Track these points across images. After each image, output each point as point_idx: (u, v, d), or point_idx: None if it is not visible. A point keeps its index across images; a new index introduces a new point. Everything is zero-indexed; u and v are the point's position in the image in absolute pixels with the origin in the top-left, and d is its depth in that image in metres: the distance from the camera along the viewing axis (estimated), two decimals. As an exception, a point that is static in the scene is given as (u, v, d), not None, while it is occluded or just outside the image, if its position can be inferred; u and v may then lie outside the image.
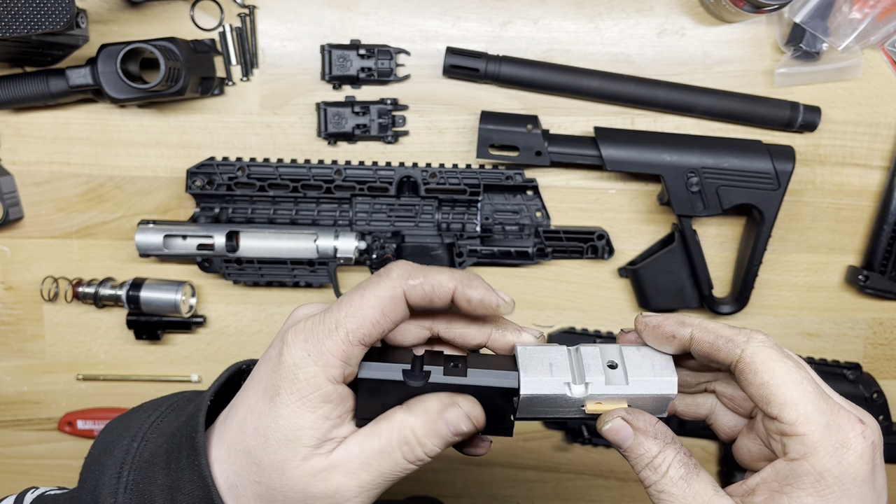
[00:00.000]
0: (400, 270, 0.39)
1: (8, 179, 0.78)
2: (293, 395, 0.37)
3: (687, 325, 0.39)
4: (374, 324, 0.38)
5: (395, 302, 0.38)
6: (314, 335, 0.37)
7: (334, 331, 0.37)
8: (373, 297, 0.38)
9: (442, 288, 0.39)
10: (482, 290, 0.39)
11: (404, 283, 0.38)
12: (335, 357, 0.37)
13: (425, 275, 0.39)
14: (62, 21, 0.62)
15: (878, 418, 0.80)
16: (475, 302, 0.39)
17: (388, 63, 0.75)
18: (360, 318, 0.37)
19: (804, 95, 0.76)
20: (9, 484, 0.86)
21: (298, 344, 0.37)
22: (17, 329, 0.82)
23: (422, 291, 0.38)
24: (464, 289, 0.39)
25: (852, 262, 0.81)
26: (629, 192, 0.79)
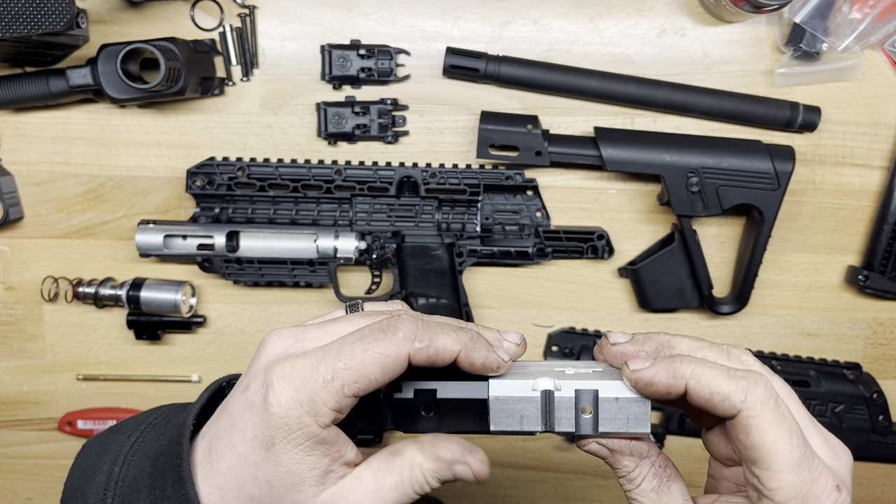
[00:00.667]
0: (406, 332, 0.37)
1: (8, 179, 0.78)
2: (289, 444, 0.37)
3: (679, 377, 0.37)
4: (372, 381, 0.37)
5: (399, 363, 0.37)
6: (305, 384, 0.36)
7: (329, 382, 0.36)
8: (376, 355, 0.37)
9: (446, 352, 0.38)
10: (485, 354, 0.39)
11: (410, 345, 0.37)
12: (328, 408, 0.36)
13: (431, 338, 0.38)
14: (62, 21, 0.62)
15: (877, 418, 0.80)
16: (477, 366, 0.39)
17: (388, 63, 0.75)
18: (359, 375, 0.36)
19: (804, 95, 0.76)
20: (9, 484, 0.86)
21: (287, 393, 0.36)
22: (18, 329, 0.82)
23: (426, 354, 0.38)
24: (468, 353, 0.38)
25: (852, 262, 0.81)
26: (629, 192, 0.79)
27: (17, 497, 0.86)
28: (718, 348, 0.39)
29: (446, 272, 0.77)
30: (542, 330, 0.82)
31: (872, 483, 0.85)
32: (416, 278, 0.76)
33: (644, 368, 0.37)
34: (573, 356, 0.79)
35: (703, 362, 0.37)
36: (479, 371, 0.39)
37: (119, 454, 0.42)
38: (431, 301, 0.77)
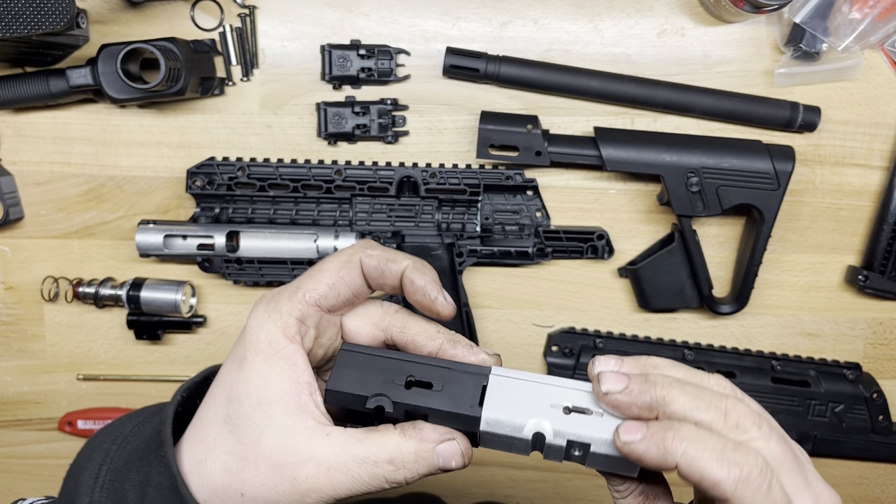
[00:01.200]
0: (362, 242, 0.42)
1: (8, 179, 0.78)
2: (258, 356, 0.39)
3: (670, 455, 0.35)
4: (330, 285, 0.40)
5: (351, 267, 0.40)
6: (274, 298, 0.40)
7: (293, 292, 0.40)
8: (331, 261, 0.40)
9: (395, 263, 0.40)
10: (428, 280, 0.40)
11: (362, 251, 0.41)
12: (291, 315, 0.39)
13: (383, 249, 0.41)
14: (62, 21, 0.62)
15: (877, 418, 0.80)
16: (417, 286, 0.40)
17: (388, 63, 0.75)
18: (316, 280, 0.40)
19: (804, 95, 0.76)
20: (9, 483, 0.86)
21: (260, 307, 0.40)
22: (18, 329, 0.82)
23: (376, 262, 0.40)
24: (413, 271, 0.40)
25: (852, 262, 0.81)
26: (629, 192, 0.79)
27: (18, 497, 0.86)
28: (716, 409, 0.36)
29: (446, 272, 0.77)
30: (542, 330, 0.82)
31: (872, 483, 0.85)
32: (416, 278, 0.76)
33: (635, 442, 0.36)
34: (573, 356, 0.79)
35: (697, 438, 0.35)
36: (417, 295, 0.41)
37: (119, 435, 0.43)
38: (431, 301, 0.77)
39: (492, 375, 0.40)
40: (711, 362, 0.80)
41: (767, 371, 0.80)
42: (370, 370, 0.40)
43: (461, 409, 0.39)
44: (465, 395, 0.40)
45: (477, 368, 0.40)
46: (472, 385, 0.40)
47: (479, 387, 0.40)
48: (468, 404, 0.39)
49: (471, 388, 0.40)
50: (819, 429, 0.80)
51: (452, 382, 0.40)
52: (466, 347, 0.42)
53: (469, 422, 0.39)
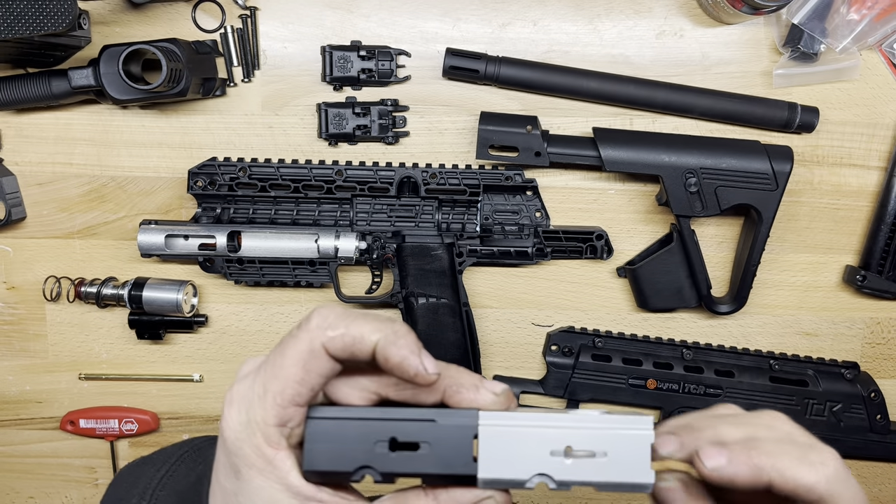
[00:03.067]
0: (318, 320, 0.35)
1: (11, 180, 0.78)
2: (251, 469, 0.36)
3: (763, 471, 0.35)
4: (300, 381, 0.35)
5: (316, 356, 0.35)
6: (246, 404, 0.35)
7: (263, 396, 0.35)
8: (292, 353, 0.35)
9: (363, 341, 0.35)
10: (405, 352, 0.35)
11: (322, 334, 0.35)
12: (268, 425, 0.35)
13: (347, 325, 0.35)
14: (64, 22, 0.63)
15: (875, 417, 0.80)
16: (392, 363, 0.35)
17: (389, 64, 0.76)
18: (282, 379, 0.35)
19: (802, 96, 0.77)
20: (11, 483, 0.86)
21: (233, 416, 0.36)
22: (20, 328, 0.83)
23: (342, 343, 0.35)
24: (385, 345, 0.35)
25: (850, 261, 0.81)
26: (628, 192, 0.79)
27: (20, 496, 0.87)
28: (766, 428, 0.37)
29: (446, 272, 0.77)
30: (542, 329, 0.82)
31: (870, 482, 0.85)
32: (417, 278, 0.77)
33: (723, 467, 0.35)
34: (572, 355, 0.80)
35: (780, 449, 0.35)
36: (395, 372, 0.35)
37: (147, 488, 0.42)
38: (431, 301, 0.77)
39: (481, 425, 0.36)
40: (710, 362, 0.80)
41: (766, 370, 0.80)
42: (347, 438, 0.36)
43: (455, 470, 0.36)
44: (457, 451, 0.36)
45: (464, 417, 0.36)
46: (461, 438, 0.36)
47: (470, 439, 0.36)
48: (462, 462, 0.36)
49: (461, 443, 0.36)
50: (817, 428, 0.80)
51: (440, 438, 0.36)
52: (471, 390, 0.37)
53: (466, 480, 0.36)
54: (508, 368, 0.83)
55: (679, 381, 0.79)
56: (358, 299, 0.79)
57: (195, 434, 0.85)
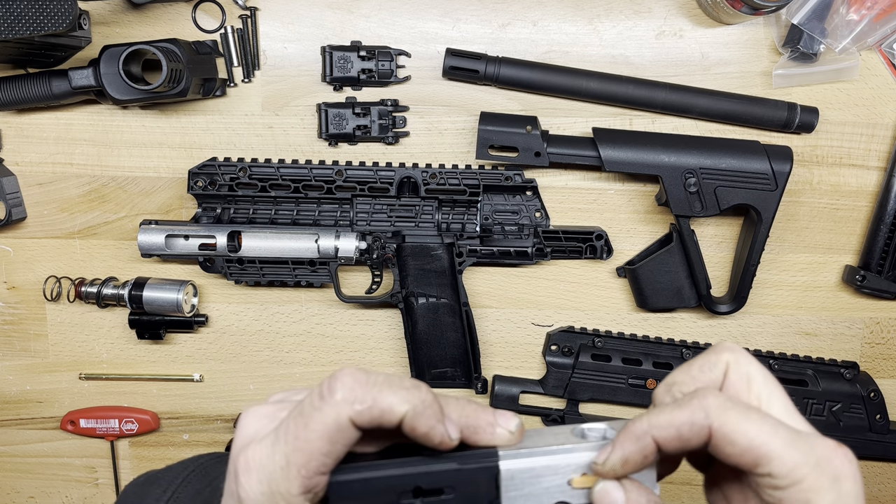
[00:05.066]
0: (345, 392, 0.34)
1: (11, 180, 0.78)
2: None
3: (641, 436, 0.35)
4: (325, 454, 0.34)
5: (343, 430, 0.34)
6: (266, 474, 0.34)
7: (285, 468, 0.34)
8: (318, 426, 0.34)
9: (392, 413, 0.34)
10: (431, 422, 0.35)
11: (350, 408, 0.34)
12: (293, 495, 0.34)
13: (374, 397, 0.34)
14: (65, 23, 0.63)
15: (875, 417, 0.80)
16: (418, 433, 0.35)
17: (389, 65, 0.76)
18: (307, 453, 0.34)
19: (801, 96, 0.77)
20: (11, 482, 0.87)
21: (254, 486, 0.34)
22: (20, 328, 0.83)
23: (369, 417, 0.34)
24: (414, 416, 0.34)
25: (849, 261, 0.81)
26: (628, 192, 0.80)
27: (20, 496, 0.87)
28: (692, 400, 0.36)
29: (446, 272, 0.77)
30: (542, 329, 0.82)
31: (870, 482, 0.85)
32: (417, 278, 0.77)
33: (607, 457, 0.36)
34: (572, 355, 0.80)
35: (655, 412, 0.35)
36: (421, 441, 0.36)
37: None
38: (431, 300, 0.77)
39: (502, 466, 0.37)
40: (710, 361, 0.80)
41: (765, 370, 0.80)
42: (371, 494, 0.36)
43: None
44: (481, 493, 0.37)
45: (483, 458, 0.37)
46: (484, 480, 0.37)
47: (493, 479, 0.37)
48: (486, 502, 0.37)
49: (484, 484, 0.37)
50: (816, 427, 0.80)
51: (462, 481, 0.36)
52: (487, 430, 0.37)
53: None
54: (508, 368, 0.83)
55: (679, 380, 0.79)
56: (358, 299, 0.79)
57: (195, 434, 0.85)
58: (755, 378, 0.37)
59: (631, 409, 0.83)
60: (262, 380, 0.84)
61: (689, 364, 0.38)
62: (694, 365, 0.38)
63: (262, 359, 0.83)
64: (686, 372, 0.38)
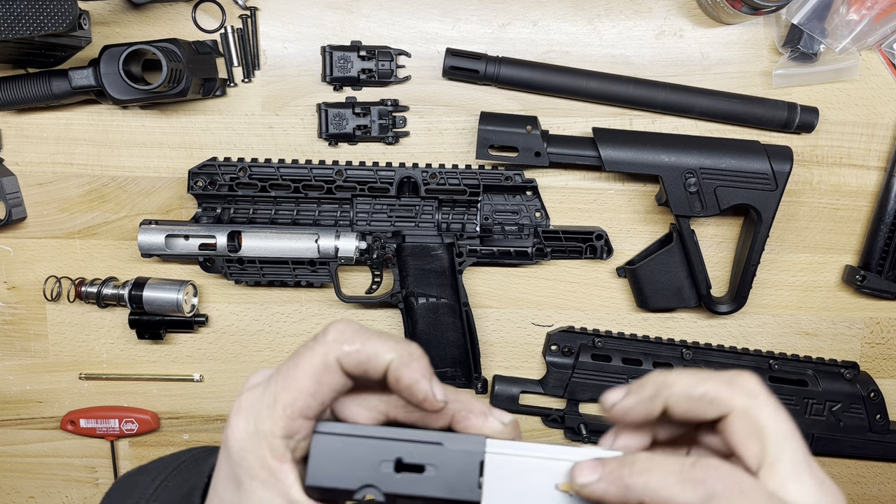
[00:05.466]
0: (335, 334, 0.35)
1: (11, 180, 0.78)
2: (254, 481, 0.35)
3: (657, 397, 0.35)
4: (311, 395, 0.35)
5: (330, 370, 0.35)
6: (254, 414, 0.35)
7: (272, 406, 0.35)
8: (306, 365, 0.35)
9: (378, 359, 0.35)
10: (417, 375, 0.35)
11: (338, 349, 0.35)
12: (275, 436, 0.34)
13: (363, 342, 0.35)
14: (65, 22, 0.63)
15: (875, 417, 0.80)
16: (403, 384, 0.35)
17: (389, 64, 0.76)
18: (294, 391, 0.34)
19: (801, 96, 0.77)
20: (11, 482, 0.87)
21: (240, 426, 0.35)
22: (20, 328, 0.83)
23: (356, 360, 0.35)
24: (399, 366, 0.35)
25: (849, 261, 0.81)
26: (628, 192, 0.80)
27: (20, 495, 0.87)
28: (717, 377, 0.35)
29: (446, 272, 0.77)
30: (542, 329, 0.82)
31: (870, 481, 0.85)
32: (417, 278, 0.77)
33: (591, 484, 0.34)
34: (571, 355, 0.80)
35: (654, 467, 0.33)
36: (404, 394, 0.36)
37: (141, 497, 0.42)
38: (431, 301, 0.77)
39: (488, 453, 0.36)
40: (709, 361, 0.80)
41: (765, 370, 0.80)
42: (352, 456, 0.36)
43: (459, 495, 0.36)
44: (462, 476, 0.36)
45: (471, 443, 0.36)
46: (467, 464, 0.36)
47: (476, 465, 0.36)
48: (466, 488, 0.36)
49: (467, 468, 0.36)
50: (817, 427, 0.80)
51: (446, 462, 0.36)
52: (479, 417, 0.37)
53: None
54: (508, 368, 0.83)
55: (679, 380, 0.79)
56: (358, 299, 0.79)
57: (195, 434, 0.85)
58: (769, 433, 0.34)
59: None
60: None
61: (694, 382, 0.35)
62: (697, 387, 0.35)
63: (262, 359, 0.83)
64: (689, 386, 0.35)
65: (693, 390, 0.35)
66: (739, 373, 0.35)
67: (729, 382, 0.35)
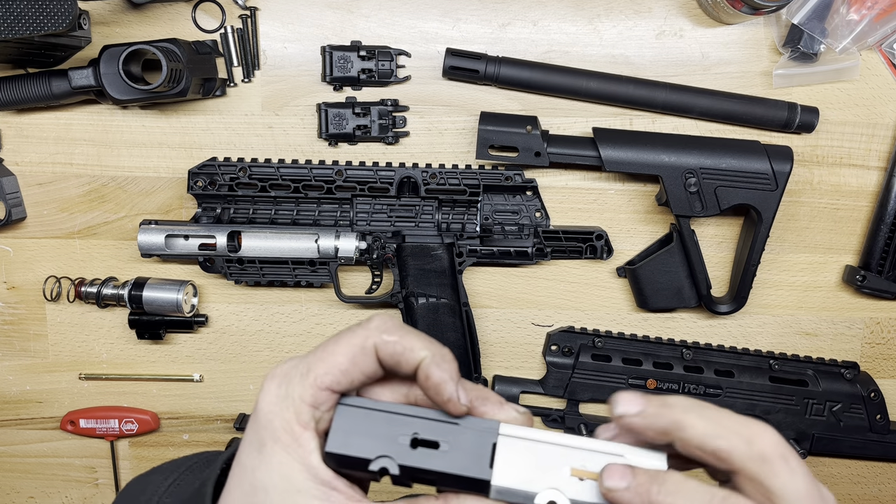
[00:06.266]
0: (378, 322, 0.38)
1: (11, 180, 0.78)
2: (276, 444, 0.36)
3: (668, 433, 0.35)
4: (343, 371, 0.37)
5: (366, 353, 0.37)
6: (287, 380, 0.37)
7: (305, 375, 0.37)
8: (345, 344, 0.37)
9: (412, 353, 0.37)
10: (445, 377, 0.37)
11: (378, 336, 0.37)
12: (303, 402, 0.37)
13: (402, 335, 0.37)
14: (65, 22, 0.63)
15: (875, 417, 0.80)
16: (431, 382, 0.37)
17: (389, 64, 0.76)
18: (329, 364, 0.37)
19: (802, 96, 0.77)
20: (11, 482, 0.87)
21: (272, 390, 0.38)
22: (20, 328, 0.83)
23: (392, 350, 0.37)
24: (429, 365, 0.37)
25: (850, 261, 0.81)
26: (628, 192, 0.80)
27: (20, 496, 0.87)
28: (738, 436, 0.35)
29: (446, 272, 0.77)
30: (542, 329, 0.82)
31: (870, 481, 0.85)
32: (417, 278, 0.77)
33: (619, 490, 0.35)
34: (572, 355, 0.80)
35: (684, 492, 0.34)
36: (430, 391, 0.37)
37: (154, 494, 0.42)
38: (431, 301, 0.77)
39: (501, 435, 0.37)
40: (710, 362, 0.80)
41: (765, 370, 0.80)
42: (372, 428, 0.38)
43: (471, 472, 0.37)
44: (475, 455, 0.37)
45: (486, 425, 0.38)
46: (481, 444, 0.37)
47: (489, 446, 0.37)
48: (478, 467, 0.37)
49: (480, 448, 0.37)
50: (817, 428, 0.80)
51: (460, 441, 0.37)
52: (496, 405, 0.39)
53: (479, 486, 0.37)
54: (508, 368, 0.83)
55: (679, 381, 0.79)
56: (358, 299, 0.79)
57: (195, 434, 0.85)
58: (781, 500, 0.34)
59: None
60: (261, 380, 0.83)
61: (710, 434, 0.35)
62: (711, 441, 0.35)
63: (262, 359, 0.83)
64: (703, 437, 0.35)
65: (706, 443, 0.35)
66: (758, 431, 0.35)
67: (747, 442, 0.34)
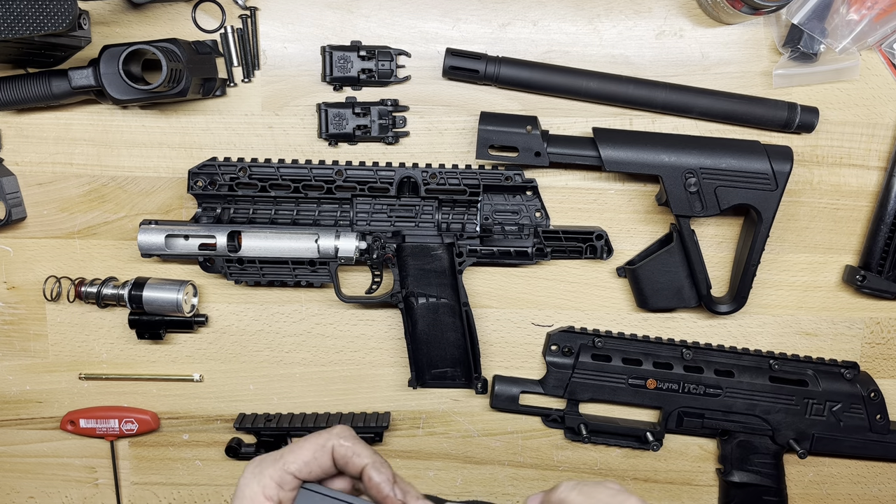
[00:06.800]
0: (339, 430, 0.50)
1: (11, 180, 0.78)
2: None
3: None
4: (306, 462, 0.48)
5: (325, 451, 0.49)
6: (262, 463, 0.49)
7: (277, 460, 0.49)
8: (311, 442, 0.49)
9: (359, 458, 0.48)
10: (383, 479, 0.48)
11: (336, 440, 0.49)
12: (272, 479, 0.48)
13: (354, 442, 0.49)
14: (65, 22, 0.63)
15: (875, 417, 0.80)
16: (373, 483, 0.48)
17: (389, 64, 0.76)
18: (296, 454, 0.49)
19: (802, 96, 0.77)
20: (11, 482, 0.87)
21: (250, 469, 0.49)
22: (20, 328, 0.83)
23: (344, 452, 0.49)
24: (371, 469, 0.48)
25: (850, 261, 0.81)
26: (628, 192, 0.80)
27: (20, 496, 0.87)
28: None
29: (446, 272, 0.77)
30: (542, 329, 0.82)
31: (870, 481, 0.85)
32: (417, 278, 0.77)
33: None
34: (571, 355, 0.80)
35: None
36: (370, 491, 0.48)
37: None
38: (431, 300, 0.77)
39: None
40: (710, 361, 0.80)
41: (765, 370, 0.80)
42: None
43: None
44: None
45: None
46: None
47: None
48: None
49: None
50: (817, 427, 0.80)
51: None
52: (415, 499, 0.49)
53: None
54: (508, 368, 0.83)
55: (679, 380, 0.79)
56: (358, 299, 0.79)
57: (195, 434, 0.85)
58: None
59: (631, 410, 0.83)
60: (262, 380, 0.84)
61: None
62: None
63: (262, 359, 0.83)
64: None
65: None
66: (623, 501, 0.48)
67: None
